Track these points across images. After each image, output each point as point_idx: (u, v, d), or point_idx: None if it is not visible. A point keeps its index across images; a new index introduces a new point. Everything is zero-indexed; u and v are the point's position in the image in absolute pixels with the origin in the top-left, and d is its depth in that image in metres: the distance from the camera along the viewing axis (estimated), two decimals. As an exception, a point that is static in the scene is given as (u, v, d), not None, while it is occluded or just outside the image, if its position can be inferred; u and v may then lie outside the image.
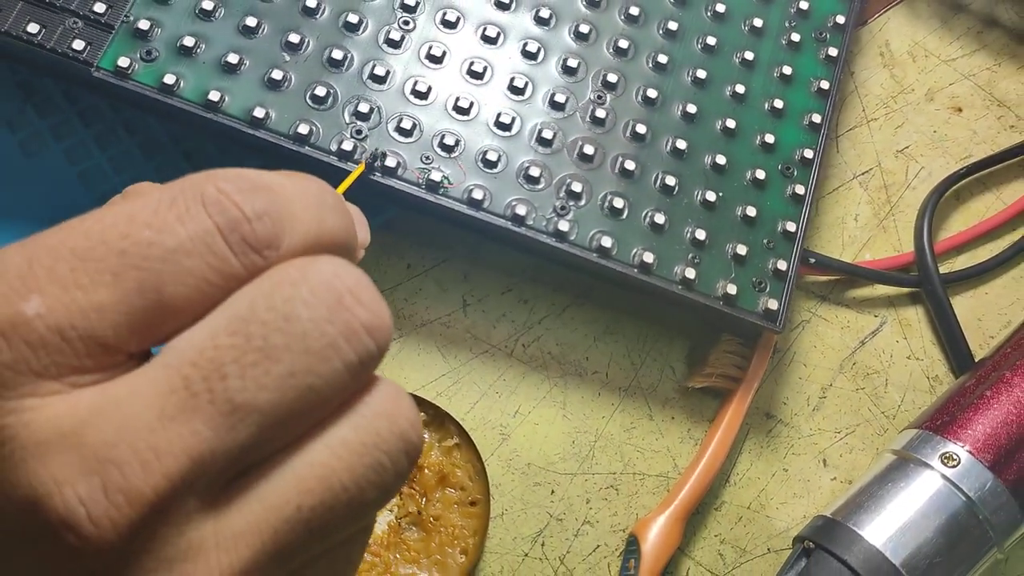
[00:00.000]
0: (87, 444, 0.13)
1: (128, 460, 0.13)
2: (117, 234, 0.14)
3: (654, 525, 0.32)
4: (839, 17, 0.37)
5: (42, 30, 0.30)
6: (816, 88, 0.36)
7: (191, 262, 0.14)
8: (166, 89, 0.30)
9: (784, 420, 0.35)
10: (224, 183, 0.14)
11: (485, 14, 0.34)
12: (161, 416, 0.13)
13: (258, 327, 0.14)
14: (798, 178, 0.34)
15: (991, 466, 0.30)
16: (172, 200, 0.14)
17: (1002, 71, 0.41)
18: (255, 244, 0.14)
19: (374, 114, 0.31)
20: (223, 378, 0.14)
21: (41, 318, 0.13)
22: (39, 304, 0.13)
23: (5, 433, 0.13)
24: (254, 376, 0.14)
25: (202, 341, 0.14)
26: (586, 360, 0.35)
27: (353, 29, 0.32)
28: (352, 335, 0.14)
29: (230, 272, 0.14)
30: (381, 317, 0.15)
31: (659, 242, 0.32)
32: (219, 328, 0.14)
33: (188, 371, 0.14)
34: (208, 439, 0.13)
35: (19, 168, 0.33)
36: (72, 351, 0.13)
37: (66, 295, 0.13)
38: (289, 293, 0.14)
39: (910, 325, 0.37)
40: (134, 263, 0.14)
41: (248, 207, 0.14)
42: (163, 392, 0.13)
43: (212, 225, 0.14)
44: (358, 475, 0.15)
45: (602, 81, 0.34)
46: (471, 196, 0.31)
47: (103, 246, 0.14)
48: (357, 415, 0.15)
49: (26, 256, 0.14)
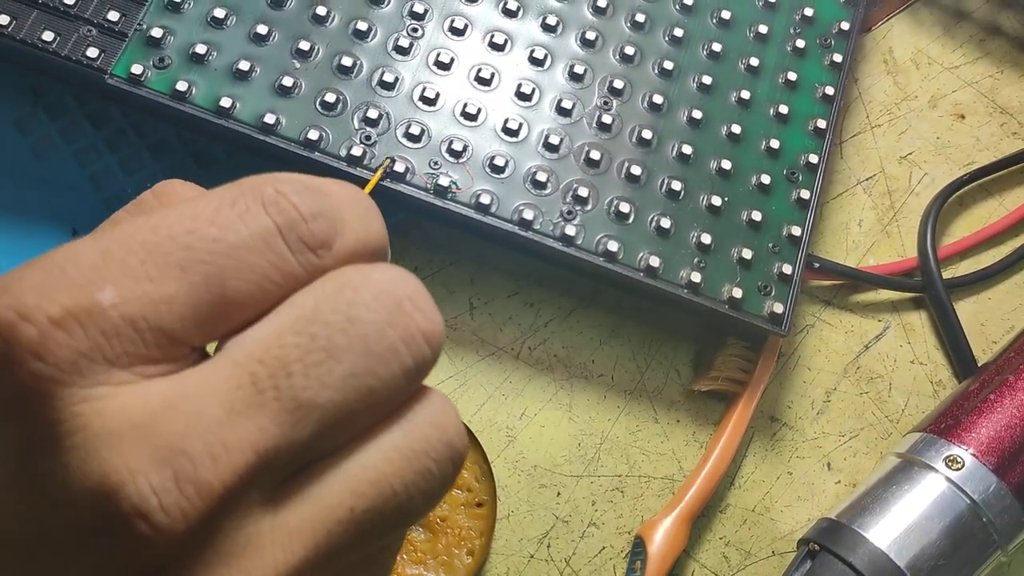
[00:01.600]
0: (159, 435, 0.13)
1: (199, 453, 0.13)
2: (183, 230, 0.14)
3: (660, 527, 0.32)
4: (843, 24, 0.38)
5: (57, 38, 0.30)
6: (821, 94, 0.36)
7: (252, 259, 0.14)
8: (178, 96, 0.30)
9: (789, 424, 0.35)
10: (282, 185, 0.15)
11: (493, 21, 0.34)
12: (230, 411, 0.14)
13: (322, 328, 0.14)
14: (803, 183, 0.35)
15: (995, 469, 0.31)
16: (234, 200, 0.15)
17: (1005, 78, 0.41)
18: (311, 243, 0.15)
19: (383, 120, 0.32)
20: (289, 375, 0.14)
21: (115, 307, 0.14)
22: (113, 294, 0.14)
23: (78, 421, 0.13)
24: (318, 375, 0.14)
25: (268, 339, 0.14)
26: (592, 363, 0.35)
27: (362, 36, 0.33)
28: (410, 340, 0.15)
29: (288, 270, 0.15)
30: (436, 324, 0.15)
31: (665, 246, 0.33)
32: (285, 327, 0.14)
33: (255, 368, 0.14)
34: (273, 435, 0.14)
35: (30, 170, 0.34)
36: (142, 341, 0.14)
37: (137, 287, 0.14)
38: (352, 297, 0.15)
39: (914, 330, 0.37)
40: (200, 257, 0.14)
41: (305, 208, 0.15)
42: (231, 387, 0.14)
43: (272, 224, 0.15)
44: (408, 481, 0.15)
45: (608, 87, 0.34)
46: (479, 201, 0.31)
47: (171, 241, 0.14)
48: (409, 422, 0.15)
49: (99, 249, 0.14)
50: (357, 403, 0.14)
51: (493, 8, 0.35)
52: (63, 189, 0.33)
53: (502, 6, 0.35)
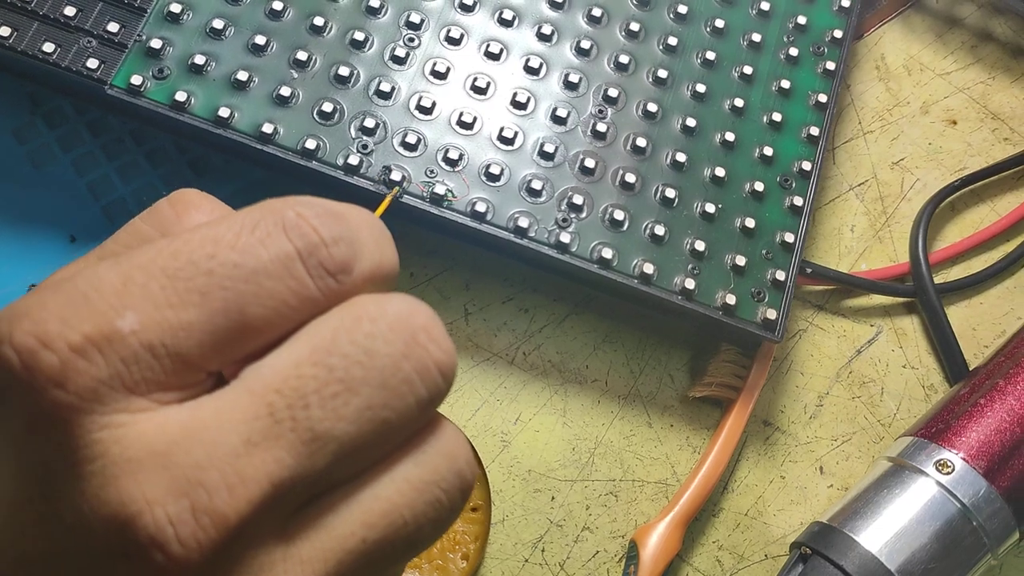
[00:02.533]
0: (177, 464, 0.13)
1: (215, 483, 0.13)
2: (204, 255, 0.14)
3: (654, 532, 0.32)
4: (836, 32, 0.38)
5: (57, 49, 0.31)
6: (814, 101, 0.37)
7: (272, 284, 0.15)
8: (177, 106, 0.31)
9: (782, 428, 0.36)
10: (303, 208, 0.15)
11: (488, 31, 0.35)
12: (247, 441, 0.14)
13: (340, 359, 0.14)
14: (796, 190, 0.35)
15: (985, 473, 0.31)
16: (255, 224, 0.15)
17: (996, 84, 0.41)
18: (331, 268, 0.15)
19: (379, 129, 0.32)
20: (306, 407, 0.14)
21: (135, 334, 0.14)
22: (134, 321, 0.14)
23: (97, 448, 0.13)
24: (334, 407, 0.14)
25: (286, 369, 0.14)
26: (586, 368, 0.35)
27: (359, 47, 0.33)
28: (425, 372, 0.15)
29: (307, 295, 0.15)
30: (450, 355, 0.15)
31: (659, 253, 0.33)
32: (303, 357, 0.14)
33: (273, 398, 0.14)
34: (289, 466, 0.14)
35: (28, 178, 0.34)
36: (161, 368, 0.14)
37: (158, 313, 0.14)
38: (369, 328, 0.15)
39: (906, 334, 0.37)
40: (220, 283, 0.14)
41: (325, 232, 0.15)
42: (248, 417, 0.14)
43: (292, 249, 0.15)
44: (418, 511, 0.15)
45: (603, 96, 0.35)
46: (474, 209, 0.32)
47: (192, 266, 0.14)
48: (421, 452, 0.16)
49: (121, 274, 0.14)
50: (372, 435, 0.15)
51: (489, 18, 0.35)
52: (61, 197, 0.34)
53: (498, 16, 0.35)
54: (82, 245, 0.33)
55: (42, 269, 0.32)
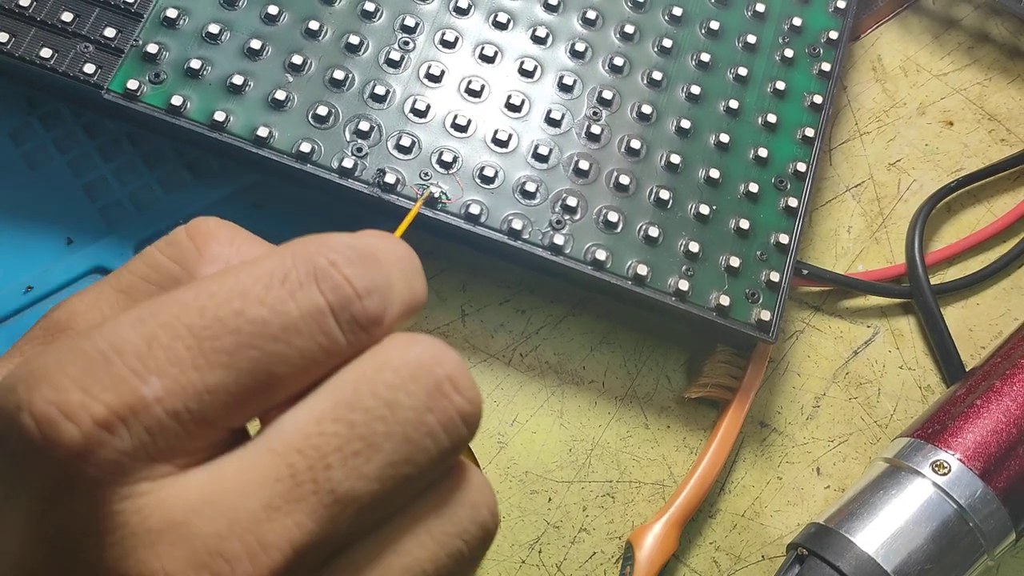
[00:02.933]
0: (197, 535, 0.13)
1: (237, 554, 0.13)
2: (231, 311, 0.14)
3: (650, 532, 0.32)
4: (832, 33, 0.38)
5: (55, 55, 0.31)
6: (809, 103, 0.37)
7: (302, 342, 0.14)
8: (173, 110, 0.31)
9: (778, 429, 0.36)
10: (334, 255, 0.15)
11: (483, 34, 0.35)
12: (267, 506, 0.13)
13: (361, 415, 0.14)
14: (791, 191, 0.35)
15: (981, 474, 0.31)
16: (284, 274, 0.14)
17: (993, 85, 0.41)
18: (364, 322, 0.15)
19: (374, 132, 0.32)
20: (327, 468, 0.14)
21: (160, 402, 0.13)
22: (158, 388, 0.13)
23: (118, 520, 0.13)
24: (355, 465, 0.14)
25: (307, 427, 0.14)
26: (583, 369, 0.35)
27: (354, 50, 0.33)
28: (449, 423, 0.15)
29: (336, 350, 0.14)
30: (475, 404, 0.15)
31: (653, 254, 0.33)
32: (325, 413, 0.14)
33: (294, 459, 0.14)
34: (311, 531, 0.14)
35: (24, 180, 0.34)
36: (185, 433, 0.14)
37: (183, 376, 0.14)
38: (391, 380, 0.14)
39: (902, 335, 0.37)
40: (249, 342, 0.14)
41: (359, 283, 0.15)
42: (268, 480, 0.14)
43: (324, 303, 0.14)
44: (440, 564, 0.15)
45: (598, 98, 0.35)
46: (468, 211, 0.32)
47: (219, 324, 0.14)
48: (444, 504, 0.15)
49: (144, 335, 0.14)
50: (394, 491, 0.14)
51: (483, 21, 0.35)
52: (57, 199, 0.34)
53: (492, 19, 0.35)
54: (79, 247, 0.33)
55: (39, 271, 0.33)
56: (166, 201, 0.34)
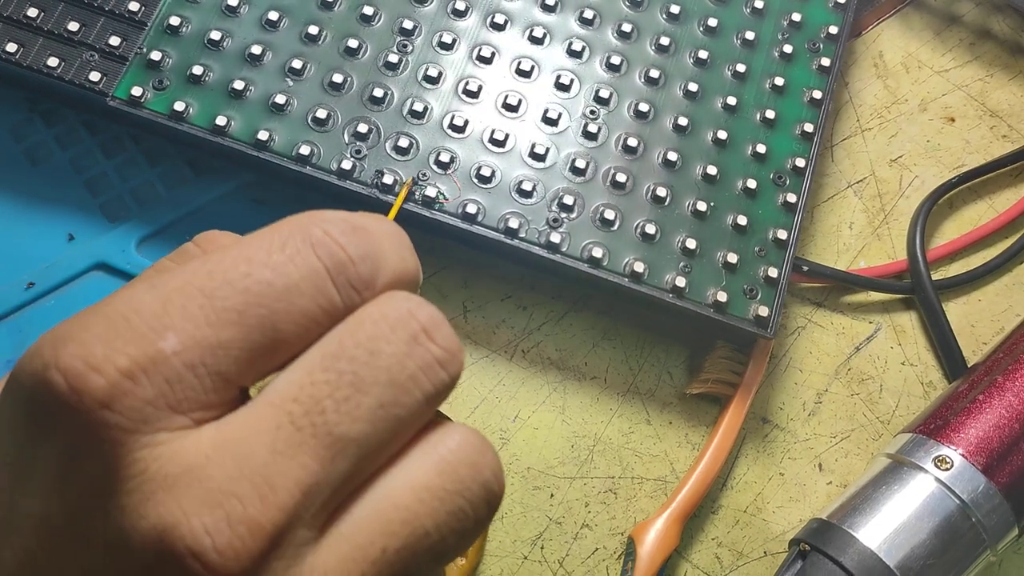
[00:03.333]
0: (211, 478, 0.14)
1: (248, 494, 0.14)
2: (239, 274, 0.15)
3: (651, 528, 0.33)
4: (832, 28, 0.38)
5: (61, 63, 0.32)
6: (809, 98, 0.37)
7: (304, 302, 0.15)
8: (176, 116, 0.32)
9: (780, 425, 0.36)
10: (328, 225, 0.16)
11: (480, 35, 0.35)
12: (272, 451, 0.14)
13: (347, 363, 0.15)
14: (790, 187, 0.35)
15: (984, 469, 0.31)
16: (284, 243, 0.15)
17: (995, 82, 0.41)
18: (358, 285, 0.16)
19: (372, 134, 0.33)
20: (322, 412, 0.15)
21: (177, 355, 0.14)
22: (176, 341, 0.14)
23: (139, 466, 0.14)
24: (348, 409, 0.15)
25: (300, 379, 0.15)
26: (585, 365, 0.36)
27: (353, 54, 0.34)
28: (428, 368, 0.16)
29: (334, 310, 0.16)
30: (450, 351, 0.16)
31: (650, 252, 0.33)
32: (314, 366, 0.15)
33: (291, 407, 0.15)
34: (315, 471, 0.15)
35: (26, 176, 0.34)
36: (201, 386, 0.14)
37: (198, 332, 0.14)
38: (372, 331, 0.15)
39: (904, 331, 0.37)
40: (256, 301, 0.15)
41: (352, 250, 0.16)
42: (271, 428, 0.15)
43: (322, 267, 0.15)
44: (440, 521, 0.16)
45: (595, 96, 0.35)
46: (465, 211, 0.32)
47: (228, 286, 0.15)
48: (444, 461, 0.16)
49: (159, 297, 0.15)
50: (387, 432, 0.15)
51: (480, 23, 0.36)
52: (59, 195, 0.34)
53: (490, 20, 0.36)
54: (80, 243, 0.34)
55: (40, 267, 0.33)
56: (168, 197, 0.34)
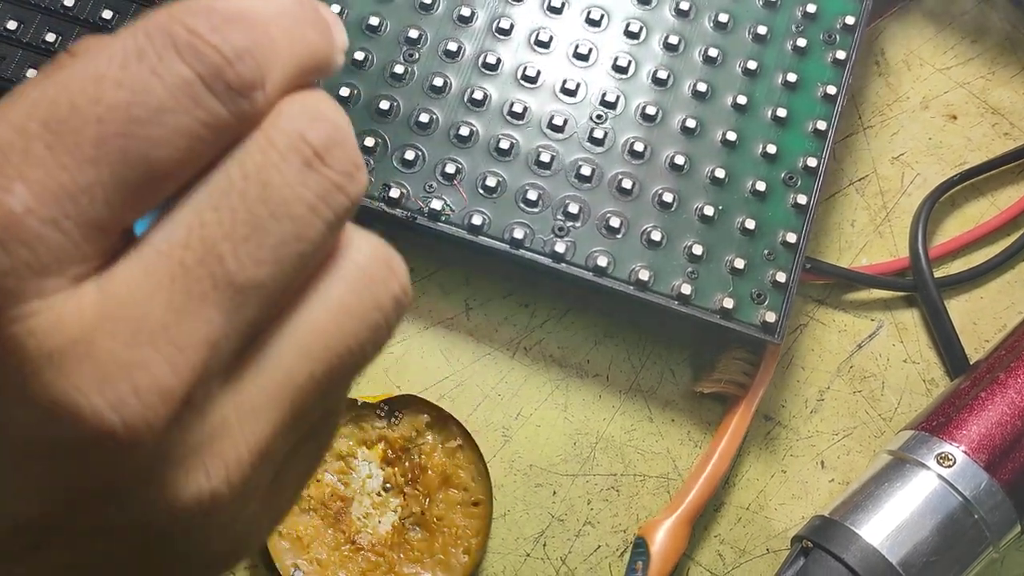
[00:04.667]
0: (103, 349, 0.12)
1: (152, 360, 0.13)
2: (87, 99, 0.13)
3: (662, 528, 0.33)
4: (849, 18, 0.37)
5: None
6: (822, 93, 0.36)
7: (176, 120, 0.13)
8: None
9: (783, 422, 0.36)
10: (193, 20, 0.13)
11: (484, 43, 0.35)
12: (170, 308, 0.13)
13: (238, 199, 0.13)
14: (801, 187, 0.34)
15: (986, 466, 0.31)
16: (140, 51, 0.13)
17: (996, 79, 0.41)
18: (241, 89, 0.13)
19: (379, 147, 0.33)
20: (219, 258, 0.13)
21: (32, 213, 0.12)
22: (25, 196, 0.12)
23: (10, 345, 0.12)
24: (246, 252, 0.13)
25: (189, 220, 0.13)
26: (587, 363, 0.36)
27: (360, 65, 0.34)
28: (327, 195, 0.14)
29: (218, 124, 0.13)
30: (348, 171, 0.14)
31: (656, 258, 0.33)
32: (203, 204, 0.13)
33: (182, 254, 0.13)
34: (220, 324, 0.13)
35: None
36: (70, 242, 0.12)
37: (51, 180, 0.12)
38: (260, 160, 0.13)
39: (906, 329, 0.38)
40: (114, 130, 0.13)
41: (227, 48, 0.13)
42: (165, 281, 0.13)
43: (192, 74, 0.13)
44: (362, 338, 0.15)
45: (601, 100, 0.35)
46: (470, 222, 0.33)
47: (75, 115, 0.12)
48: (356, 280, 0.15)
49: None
50: (292, 269, 0.14)
51: (485, 31, 0.36)
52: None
53: (495, 26, 0.36)
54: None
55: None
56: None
